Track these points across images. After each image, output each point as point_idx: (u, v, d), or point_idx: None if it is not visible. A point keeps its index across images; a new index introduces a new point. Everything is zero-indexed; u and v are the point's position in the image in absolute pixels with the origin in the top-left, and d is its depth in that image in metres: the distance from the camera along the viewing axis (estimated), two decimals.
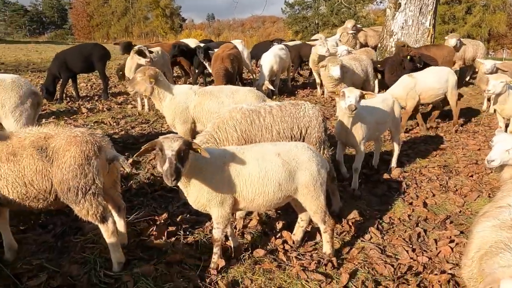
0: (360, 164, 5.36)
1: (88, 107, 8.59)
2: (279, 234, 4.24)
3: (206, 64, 9.88)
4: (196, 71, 10.51)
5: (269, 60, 9.60)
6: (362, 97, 4.82)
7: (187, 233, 4.14)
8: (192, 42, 12.38)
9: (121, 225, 3.78)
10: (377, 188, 5.49)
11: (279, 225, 4.40)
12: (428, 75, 7.69)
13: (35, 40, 36.60)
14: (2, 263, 3.55)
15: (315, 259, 3.86)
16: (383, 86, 9.63)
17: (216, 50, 9.41)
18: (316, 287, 3.47)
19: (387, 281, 3.60)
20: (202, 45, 10.41)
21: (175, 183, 2.99)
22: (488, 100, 9.14)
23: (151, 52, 8.19)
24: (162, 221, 4.30)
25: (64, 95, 9.38)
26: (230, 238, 3.89)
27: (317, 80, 10.59)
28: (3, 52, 19.39)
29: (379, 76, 10.03)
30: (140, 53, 7.79)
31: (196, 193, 3.34)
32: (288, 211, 4.70)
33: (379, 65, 9.34)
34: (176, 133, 5.12)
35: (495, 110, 7.26)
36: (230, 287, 3.40)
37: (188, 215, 4.47)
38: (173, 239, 3.98)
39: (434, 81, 7.64)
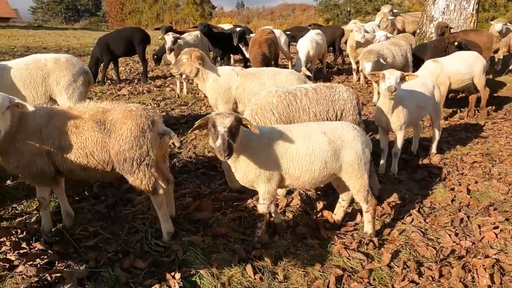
0: (400, 149, 5.32)
1: (129, 90, 8.87)
2: (320, 214, 4.31)
3: (243, 49, 9.93)
4: (218, 58, 10.46)
5: (306, 45, 9.55)
6: (402, 78, 4.76)
7: (231, 209, 4.27)
8: (227, 28, 12.45)
9: (169, 197, 3.96)
10: (416, 173, 5.44)
11: (319, 205, 4.46)
12: (454, 60, 7.36)
13: (72, 27, 37.69)
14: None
15: (356, 238, 3.90)
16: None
17: (252, 34, 9.45)
18: (358, 265, 3.53)
19: (429, 263, 3.60)
20: (238, 29, 10.45)
21: (228, 158, 3.10)
22: None
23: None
24: (207, 196, 4.45)
25: (105, 77, 9.71)
26: (273, 214, 3.99)
27: (353, 66, 10.45)
28: (44, 37, 20.16)
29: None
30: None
31: (244, 169, 3.44)
32: (328, 192, 4.76)
33: (419, 51, 9.06)
34: None
35: None
36: (274, 261, 3.50)
37: (230, 192, 4.60)
38: (218, 213, 4.12)
39: (460, 66, 7.30)
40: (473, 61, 7.39)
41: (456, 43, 8.13)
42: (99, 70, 9.56)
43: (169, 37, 8.17)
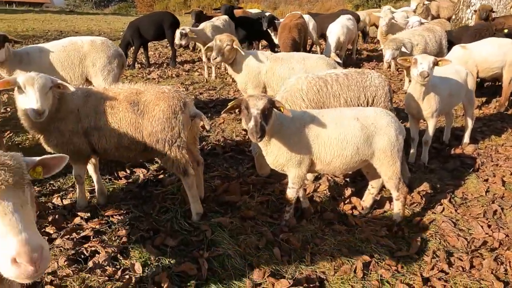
0: (431, 137, 5.19)
1: (158, 74, 9.00)
2: (347, 200, 4.29)
3: (272, 34, 9.85)
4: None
5: (336, 31, 9.37)
6: (435, 64, 4.61)
7: (259, 192, 4.30)
8: (254, 12, 12.35)
9: (199, 179, 4.03)
10: (448, 163, 5.31)
11: (347, 191, 4.44)
12: (485, 46, 6.89)
13: (102, 12, 38.38)
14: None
15: (384, 226, 3.88)
16: None
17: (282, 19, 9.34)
18: (386, 253, 3.50)
19: (460, 253, 3.54)
20: (267, 13, 10.35)
21: (260, 140, 3.12)
22: None
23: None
24: (235, 179, 4.50)
25: (136, 61, 9.88)
26: (301, 199, 4.00)
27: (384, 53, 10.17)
28: (76, 22, 20.65)
29: None
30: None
31: (275, 153, 3.45)
32: (356, 178, 4.72)
33: (459, 35, 8.61)
34: None
35: None
36: (302, 245, 3.52)
37: (258, 176, 4.64)
38: (246, 197, 4.16)
39: (491, 54, 6.82)
40: (507, 50, 6.83)
41: (505, 31, 7.52)
42: (129, 54, 9.71)
43: (177, 32, 8.20)
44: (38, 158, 1.83)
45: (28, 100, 3.12)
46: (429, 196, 4.45)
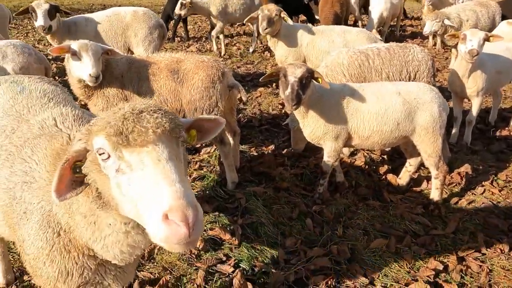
0: (475, 117, 4.96)
1: (197, 47, 9.08)
2: (383, 177, 4.23)
3: (313, 8, 9.60)
4: None
5: (380, 6, 8.99)
6: (486, 40, 4.35)
7: (293, 165, 4.33)
8: None
9: (235, 149, 4.10)
10: (493, 144, 5.07)
11: (383, 168, 4.37)
12: None
13: None
14: None
15: (420, 204, 3.81)
16: None
17: None
18: (421, 231, 3.45)
19: (500, 235, 3.43)
20: None
21: (295, 108, 3.12)
22: None
23: None
24: (270, 151, 4.55)
25: (175, 35, 9.99)
26: (336, 173, 3.99)
27: None
28: None
29: None
30: None
31: (312, 126, 3.44)
32: (393, 156, 4.63)
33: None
34: None
35: None
36: (334, 217, 3.54)
37: (292, 149, 4.65)
38: (280, 168, 4.20)
39: None
40: None
41: None
42: (169, 28, 9.81)
43: (178, 2, 8.09)
44: (193, 119, 1.62)
45: (84, 66, 3.26)
46: (469, 177, 4.30)
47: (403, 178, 4.06)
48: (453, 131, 5.13)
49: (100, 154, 1.33)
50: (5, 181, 1.81)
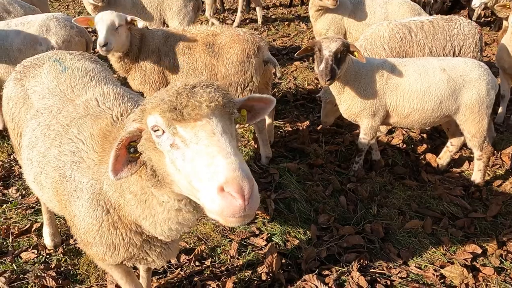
0: None
1: (232, 19, 8.96)
2: (422, 156, 4.09)
3: None
4: None
5: None
6: None
7: (328, 141, 4.26)
8: None
9: (270, 124, 4.07)
10: None
11: (422, 147, 4.22)
12: None
13: None
14: None
15: (460, 185, 3.67)
16: None
17: None
18: (459, 213, 3.34)
19: None
20: None
21: (329, 83, 3.04)
22: None
23: None
24: (305, 127, 4.49)
25: (223, 5, 9.91)
26: (373, 151, 3.90)
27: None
28: None
29: None
30: None
31: (349, 102, 3.35)
32: (433, 135, 4.46)
33: None
34: None
35: None
36: (369, 196, 3.48)
37: (321, 123, 4.56)
38: (315, 145, 4.15)
39: None
40: None
41: None
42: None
43: None
44: (244, 98, 1.56)
45: (99, 35, 3.32)
46: None
47: (443, 158, 3.90)
48: (500, 110, 4.84)
49: (154, 131, 1.35)
50: (55, 160, 1.89)
